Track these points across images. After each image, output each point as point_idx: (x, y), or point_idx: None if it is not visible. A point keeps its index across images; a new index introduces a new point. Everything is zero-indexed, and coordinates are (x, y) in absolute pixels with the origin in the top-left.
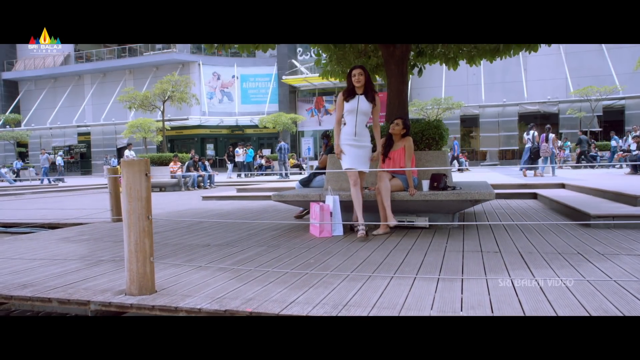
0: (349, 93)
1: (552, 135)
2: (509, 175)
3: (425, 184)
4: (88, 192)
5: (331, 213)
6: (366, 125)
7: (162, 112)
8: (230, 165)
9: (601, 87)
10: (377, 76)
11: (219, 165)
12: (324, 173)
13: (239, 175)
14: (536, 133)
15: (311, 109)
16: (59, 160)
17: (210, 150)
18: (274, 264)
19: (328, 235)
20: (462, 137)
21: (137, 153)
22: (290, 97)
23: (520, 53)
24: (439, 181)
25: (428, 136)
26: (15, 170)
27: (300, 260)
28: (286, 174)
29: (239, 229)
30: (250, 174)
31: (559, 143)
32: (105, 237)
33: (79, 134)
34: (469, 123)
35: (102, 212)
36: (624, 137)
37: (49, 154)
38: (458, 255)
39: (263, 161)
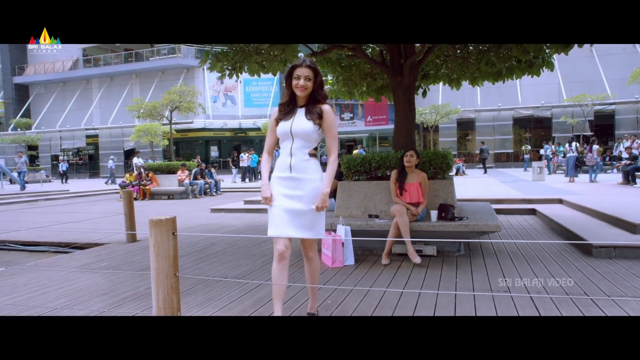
0: (287, 107)
1: (595, 147)
2: (505, 182)
3: (434, 214)
4: (98, 199)
5: (343, 243)
6: (316, 154)
7: (170, 121)
8: (234, 170)
9: (593, 95)
10: (383, 97)
11: (222, 167)
12: (334, 197)
13: (243, 180)
14: (578, 144)
15: None
16: (111, 164)
17: (214, 152)
18: (293, 306)
19: (340, 265)
20: (459, 140)
21: (144, 157)
22: None
23: (516, 56)
24: (446, 212)
25: (435, 165)
26: (62, 172)
27: (317, 300)
28: None
29: (252, 255)
30: (254, 179)
31: (553, 148)
32: (124, 265)
33: (87, 137)
34: (465, 126)
35: (117, 233)
36: (615, 144)
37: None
38: (469, 297)
39: None
